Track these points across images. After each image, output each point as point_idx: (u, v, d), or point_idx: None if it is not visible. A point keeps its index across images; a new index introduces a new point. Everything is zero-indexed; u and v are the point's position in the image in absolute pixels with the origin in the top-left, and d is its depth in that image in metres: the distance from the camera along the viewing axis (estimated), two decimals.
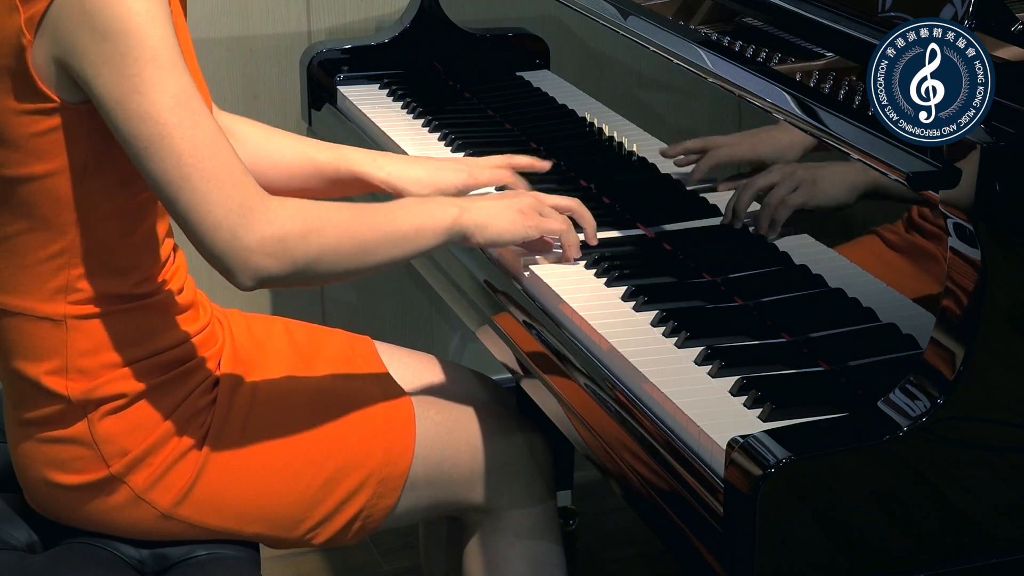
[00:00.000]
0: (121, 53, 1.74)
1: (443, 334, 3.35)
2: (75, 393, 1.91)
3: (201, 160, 1.76)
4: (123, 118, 1.76)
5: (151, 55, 1.75)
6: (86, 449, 1.92)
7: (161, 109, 1.75)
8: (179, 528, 1.97)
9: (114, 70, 1.75)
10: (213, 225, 1.77)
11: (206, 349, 1.99)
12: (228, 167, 1.78)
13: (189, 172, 1.76)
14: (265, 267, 1.80)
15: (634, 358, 1.85)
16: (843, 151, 1.77)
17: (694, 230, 2.14)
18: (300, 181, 2.19)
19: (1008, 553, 1.68)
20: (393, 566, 2.98)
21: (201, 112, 1.78)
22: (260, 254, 1.79)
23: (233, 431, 1.97)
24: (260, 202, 1.80)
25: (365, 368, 2.13)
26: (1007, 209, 1.62)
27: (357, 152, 2.20)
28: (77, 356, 1.90)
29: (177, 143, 1.76)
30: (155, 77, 1.75)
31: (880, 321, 1.80)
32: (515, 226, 1.99)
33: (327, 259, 1.84)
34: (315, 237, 1.82)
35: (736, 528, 1.60)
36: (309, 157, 2.19)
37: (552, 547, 2.16)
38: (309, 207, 1.84)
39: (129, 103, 1.75)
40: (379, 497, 2.04)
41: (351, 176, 2.18)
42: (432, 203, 1.96)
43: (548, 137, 2.55)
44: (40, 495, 1.97)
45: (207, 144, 1.77)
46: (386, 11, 3.15)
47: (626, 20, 2.23)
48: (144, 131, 1.76)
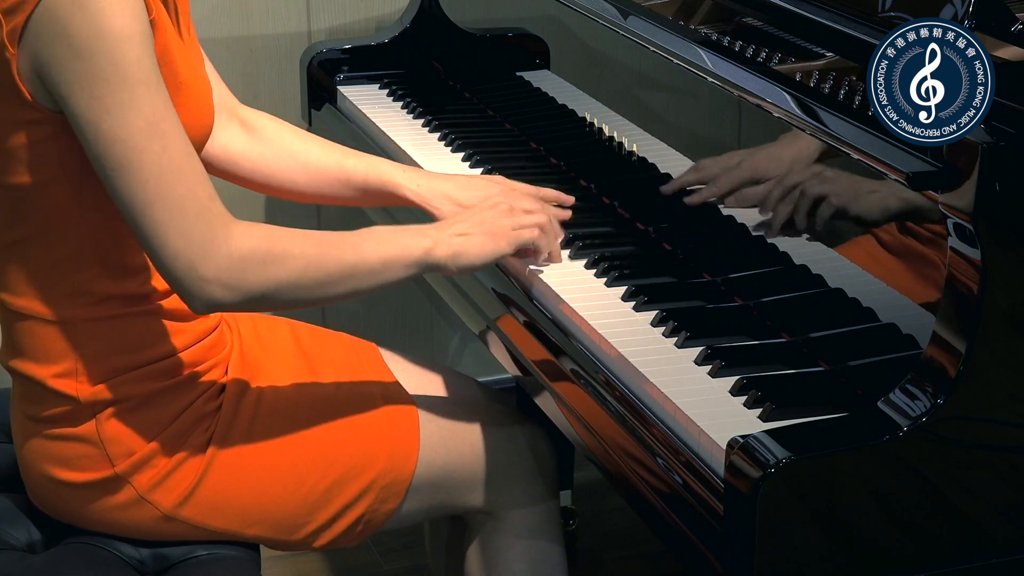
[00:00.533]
0: (93, 73, 1.73)
1: (443, 334, 3.35)
2: (84, 394, 1.91)
3: (166, 186, 1.76)
4: (92, 138, 1.76)
5: (124, 76, 1.74)
6: (92, 447, 1.92)
7: (133, 132, 1.75)
8: (181, 529, 1.97)
9: (86, 90, 1.74)
10: (172, 254, 1.77)
11: (215, 354, 1.99)
12: (193, 195, 1.77)
13: (152, 199, 1.76)
14: (219, 297, 1.80)
15: (634, 358, 1.85)
16: (843, 151, 1.77)
17: (694, 230, 2.14)
18: (327, 187, 2.17)
19: (1008, 553, 1.68)
20: (393, 566, 2.98)
21: (172, 136, 1.77)
22: (215, 284, 1.79)
23: (238, 434, 1.97)
24: (222, 231, 1.79)
25: (370, 373, 2.13)
26: (1007, 209, 1.62)
27: (388, 163, 2.18)
28: (86, 359, 1.91)
29: (144, 168, 1.75)
30: (126, 100, 1.74)
31: (880, 321, 1.80)
32: (487, 250, 1.97)
33: (287, 290, 1.84)
34: (275, 268, 1.82)
35: (736, 528, 1.60)
36: (338, 163, 2.16)
37: (553, 547, 2.16)
38: (274, 235, 1.83)
39: (100, 124, 1.75)
40: (382, 501, 2.04)
41: (380, 186, 2.16)
42: (405, 234, 1.94)
43: (548, 137, 2.55)
44: (43, 492, 1.97)
45: (173, 171, 1.76)
46: (386, 11, 3.14)
47: (626, 20, 2.23)
48: (112, 153, 1.75)
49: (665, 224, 2.19)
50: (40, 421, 1.94)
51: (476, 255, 1.96)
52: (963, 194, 1.62)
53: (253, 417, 1.99)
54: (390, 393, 2.09)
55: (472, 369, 3.22)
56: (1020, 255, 1.64)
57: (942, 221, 1.65)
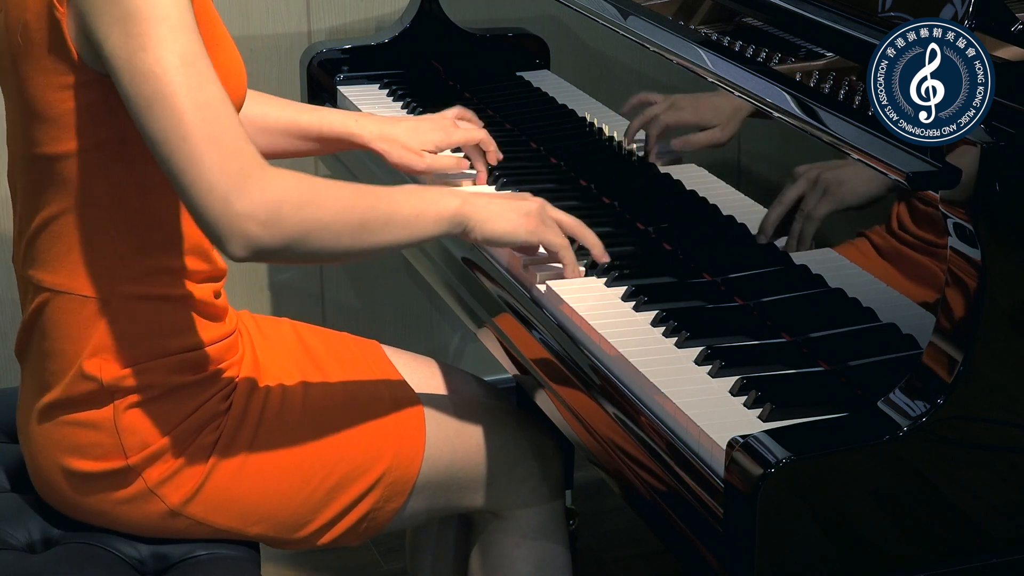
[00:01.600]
0: (130, 13, 1.74)
1: (443, 334, 3.35)
2: (107, 376, 1.91)
3: (202, 122, 1.74)
4: (128, 76, 1.75)
5: (160, 15, 1.74)
6: (107, 436, 1.93)
7: (167, 68, 1.74)
8: (185, 525, 1.97)
9: (123, 29, 1.74)
10: (207, 188, 1.74)
11: (231, 355, 2.00)
12: (229, 132, 1.76)
13: (187, 132, 1.74)
14: (256, 235, 1.76)
15: (634, 358, 1.85)
16: (843, 151, 1.77)
17: (694, 230, 2.14)
18: (285, 142, 2.28)
19: (1008, 553, 1.68)
20: (393, 566, 2.98)
21: (207, 76, 1.76)
22: (252, 221, 1.75)
23: (246, 434, 1.98)
24: (258, 170, 1.77)
25: (375, 371, 2.13)
26: (1007, 209, 1.62)
27: (340, 113, 2.33)
28: (114, 338, 1.91)
29: (179, 102, 1.74)
30: (162, 35, 1.74)
31: (880, 321, 1.80)
32: (517, 228, 1.98)
33: (321, 234, 1.81)
34: (311, 209, 1.80)
35: (736, 528, 1.60)
36: (292, 119, 2.28)
37: (558, 549, 2.16)
38: (308, 180, 1.82)
39: (134, 60, 1.74)
40: (387, 500, 2.04)
41: (335, 135, 2.30)
42: (435, 191, 1.95)
43: (548, 137, 2.55)
44: (51, 482, 1.97)
45: (210, 107, 1.75)
46: (386, 11, 3.15)
47: (626, 20, 2.23)
48: (147, 89, 1.74)
49: (665, 224, 2.19)
50: (55, 407, 1.94)
51: (506, 229, 1.97)
52: (963, 194, 1.62)
53: (260, 416, 1.99)
54: (396, 391, 2.09)
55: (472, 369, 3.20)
56: (1020, 255, 1.64)
57: (942, 221, 1.65)
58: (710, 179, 2.13)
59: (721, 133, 2.08)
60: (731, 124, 2.06)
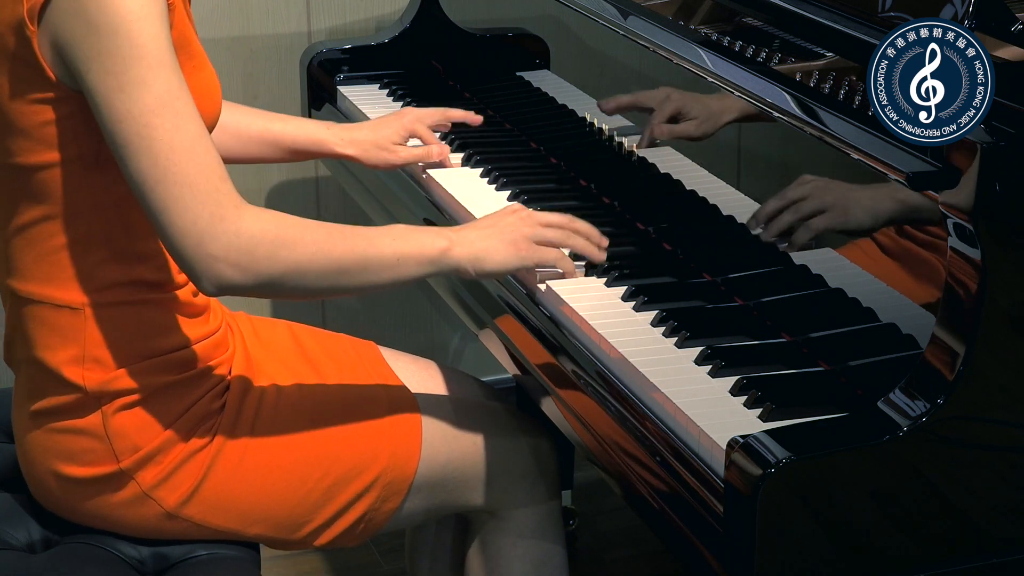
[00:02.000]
0: (110, 50, 1.75)
1: (443, 334, 3.35)
2: (91, 384, 1.91)
3: (177, 164, 1.77)
4: (107, 115, 1.77)
5: (139, 53, 1.75)
6: (98, 442, 1.93)
7: (144, 110, 1.76)
8: (182, 527, 1.97)
9: (102, 66, 1.75)
10: (181, 230, 1.78)
11: (218, 354, 2.00)
12: (205, 173, 1.78)
13: (162, 175, 1.77)
14: (228, 276, 1.80)
15: (634, 358, 1.85)
16: (843, 151, 1.77)
17: (694, 230, 2.14)
18: (258, 149, 2.31)
19: (1008, 553, 1.68)
20: (393, 566, 2.98)
21: (185, 115, 1.78)
22: (224, 263, 1.79)
23: (241, 433, 1.98)
24: (232, 211, 1.79)
25: (371, 372, 2.13)
26: (1007, 209, 1.62)
27: (313, 123, 2.37)
28: (94, 345, 1.91)
29: (155, 144, 1.76)
30: (141, 76, 1.76)
31: (880, 321, 1.80)
32: (507, 258, 1.97)
33: (295, 276, 1.84)
34: (285, 252, 1.82)
35: (736, 528, 1.60)
36: (265, 128, 2.31)
37: (556, 548, 2.16)
38: (285, 222, 1.84)
39: (113, 100, 1.76)
40: (384, 500, 2.04)
41: (308, 145, 2.33)
42: (423, 233, 1.94)
43: (548, 137, 2.54)
44: (46, 487, 1.97)
45: (186, 149, 1.77)
46: (386, 11, 3.15)
47: (626, 20, 2.23)
48: (124, 129, 1.76)
49: (665, 224, 2.19)
50: (45, 414, 1.94)
51: (499, 262, 1.97)
52: (963, 194, 1.62)
53: (256, 416, 1.99)
54: (392, 392, 2.09)
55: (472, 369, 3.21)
56: (1020, 255, 1.64)
57: (942, 221, 1.65)
58: (710, 179, 2.13)
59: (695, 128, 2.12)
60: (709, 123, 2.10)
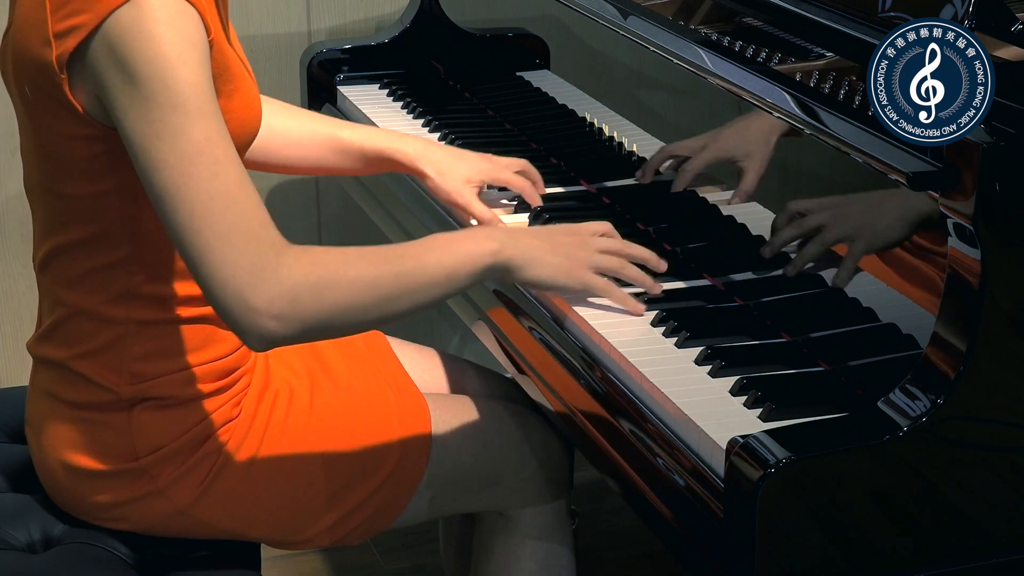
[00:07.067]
0: (146, 98, 1.70)
1: (444, 333, 3.35)
2: (125, 391, 1.91)
3: (214, 214, 1.70)
4: (144, 163, 1.72)
5: (177, 102, 1.70)
6: (120, 437, 1.92)
7: (181, 158, 1.70)
8: (188, 524, 1.97)
9: (139, 115, 1.70)
10: (221, 283, 1.71)
11: (244, 363, 2.00)
12: (243, 223, 1.71)
13: (200, 226, 1.70)
14: (273, 330, 1.72)
15: (634, 358, 1.85)
16: (843, 151, 1.77)
17: (694, 230, 2.14)
18: (325, 155, 2.22)
19: (1008, 553, 1.68)
20: (393, 566, 2.98)
21: (224, 162, 1.71)
22: (267, 316, 1.71)
23: (254, 438, 1.98)
24: (274, 258, 1.72)
25: (380, 366, 2.13)
26: (1007, 209, 1.62)
27: (384, 131, 2.26)
28: (133, 360, 1.91)
29: (192, 195, 1.70)
30: (178, 125, 1.70)
31: (880, 321, 1.80)
32: (557, 274, 1.92)
33: (343, 315, 1.76)
34: (330, 294, 1.74)
35: (736, 528, 1.60)
36: (333, 133, 2.22)
37: (563, 549, 2.16)
38: (327, 258, 1.76)
39: (150, 149, 1.71)
40: (390, 501, 2.04)
41: (377, 154, 2.22)
42: (467, 240, 1.86)
43: (548, 137, 2.55)
44: (54, 477, 1.97)
45: (223, 197, 1.70)
46: (386, 11, 3.15)
47: (626, 20, 2.23)
48: (161, 179, 1.71)
49: (665, 224, 2.19)
50: (70, 404, 1.93)
51: (548, 275, 1.91)
52: (963, 194, 1.62)
53: (268, 421, 1.99)
54: (401, 390, 2.09)
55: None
56: (1020, 255, 1.64)
57: (942, 221, 1.65)
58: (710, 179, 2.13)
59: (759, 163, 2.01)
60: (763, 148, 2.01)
